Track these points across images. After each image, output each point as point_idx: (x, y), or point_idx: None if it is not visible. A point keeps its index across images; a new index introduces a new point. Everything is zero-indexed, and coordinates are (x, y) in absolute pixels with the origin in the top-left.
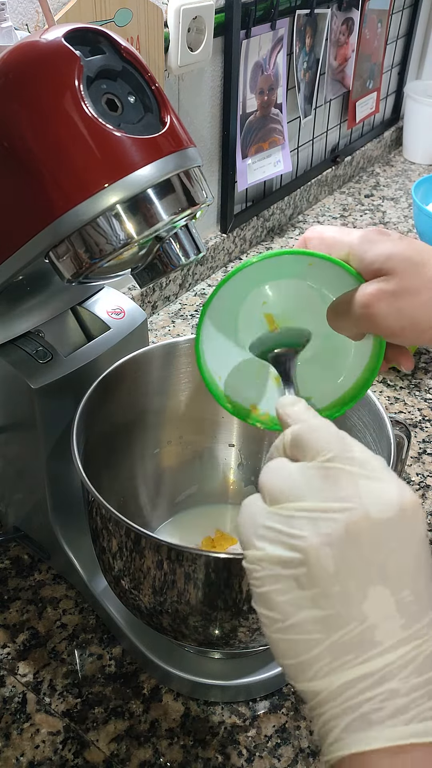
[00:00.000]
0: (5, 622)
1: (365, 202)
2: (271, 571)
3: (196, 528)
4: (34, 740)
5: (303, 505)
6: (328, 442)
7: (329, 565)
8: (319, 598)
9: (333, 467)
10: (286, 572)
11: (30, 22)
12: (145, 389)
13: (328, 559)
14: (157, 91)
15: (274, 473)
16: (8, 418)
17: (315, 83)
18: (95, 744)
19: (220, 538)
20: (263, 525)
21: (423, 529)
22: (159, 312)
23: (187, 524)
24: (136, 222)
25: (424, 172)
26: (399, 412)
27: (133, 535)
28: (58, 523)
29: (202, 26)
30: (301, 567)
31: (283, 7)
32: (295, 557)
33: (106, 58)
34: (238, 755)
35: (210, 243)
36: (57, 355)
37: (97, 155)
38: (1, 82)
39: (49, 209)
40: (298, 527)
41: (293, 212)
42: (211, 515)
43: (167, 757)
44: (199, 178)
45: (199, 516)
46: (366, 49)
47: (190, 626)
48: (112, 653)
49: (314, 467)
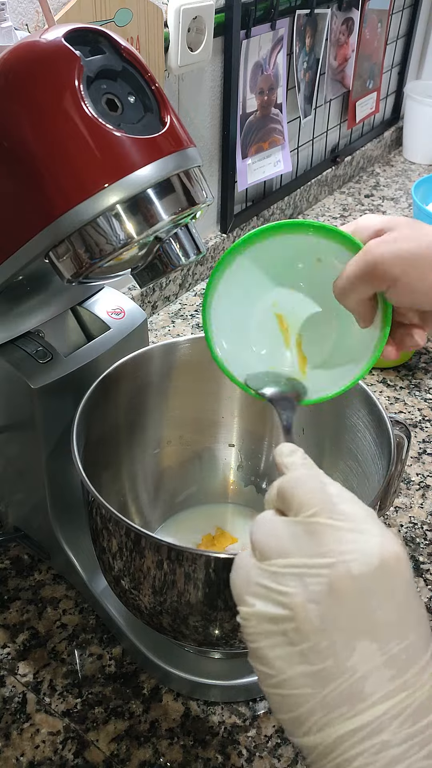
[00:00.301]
0: (5, 622)
1: (365, 202)
2: (262, 627)
3: (196, 528)
4: (34, 740)
5: (290, 562)
6: (312, 496)
7: (316, 621)
8: (308, 653)
9: (316, 522)
10: (276, 628)
11: (30, 22)
12: (145, 389)
13: (314, 616)
14: (157, 91)
15: (262, 528)
16: (8, 418)
17: (315, 83)
18: (95, 744)
19: (220, 536)
20: (254, 582)
21: (407, 578)
22: (159, 312)
23: (187, 524)
24: (136, 222)
25: (424, 172)
26: (399, 412)
27: (133, 535)
28: (58, 523)
29: (202, 26)
30: (290, 623)
31: (283, 7)
32: (283, 614)
33: (106, 58)
34: (238, 755)
35: (210, 243)
36: (57, 355)
37: (97, 155)
38: (1, 82)
39: (49, 209)
40: (286, 584)
41: (293, 212)
42: (211, 515)
43: (167, 757)
44: (199, 178)
45: (199, 516)
46: (366, 49)
47: (190, 626)
48: (112, 653)
49: (299, 522)
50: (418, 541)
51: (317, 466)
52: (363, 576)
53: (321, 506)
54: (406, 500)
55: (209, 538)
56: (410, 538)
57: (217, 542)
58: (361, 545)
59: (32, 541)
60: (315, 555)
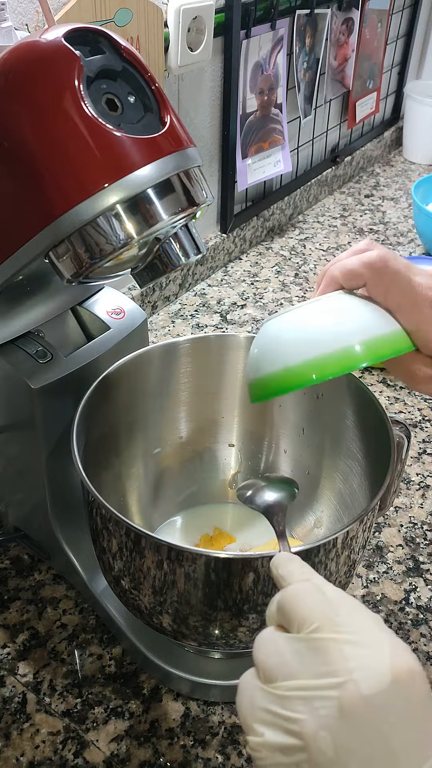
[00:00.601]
0: (5, 622)
1: (365, 202)
2: (274, 759)
3: (195, 528)
4: (34, 740)
5: (296, 684)
6: (313, 610)
7: (330, 752)
8: None
9: (320, 638)
10: (289, 760)
11: (30, 22)
12: (145, 389)
13: (327, 745)
14: (157, 91)
15: (265, 648)
16: (8, 418)
17: (315, 83)
18: (95, 744)
19: (219, 536)
20: (261, 707)
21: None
22: (159, 312)
23: (187, 524)
24: (136, 222)
25: (424, 172)
26: (399, 412)
27: (133, 535)
28: (58, 523)
29: (202, 26)
30: (302, 753)
31: (283, 7)
32: (294, 743)
33: (106, 58)
34: (238, 755)
35: (210, 243)
36: (57, 355)
37: (97, 155)
38: (1, 82)
39: (49, 209)
40: (294, 709)
41: (293, 212)
42: (211, 515)
43: (167, 757)
44: (199, 178)
45: (198, 516)
46: (366, 49)
47: (190, 626)
48: (112, 653)
49: (302, 639)
50: (418, 541)
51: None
52: (375, 695)
53: (323, 620)
54: (406, 500)
55: (207, 538)
56: (410, 538)
57: (215, 542)
58: (370, 660)
59: (32, 541)
60: (321, 674)
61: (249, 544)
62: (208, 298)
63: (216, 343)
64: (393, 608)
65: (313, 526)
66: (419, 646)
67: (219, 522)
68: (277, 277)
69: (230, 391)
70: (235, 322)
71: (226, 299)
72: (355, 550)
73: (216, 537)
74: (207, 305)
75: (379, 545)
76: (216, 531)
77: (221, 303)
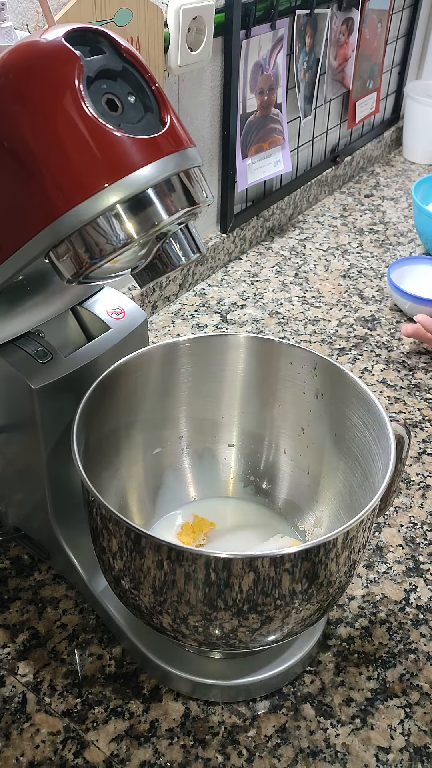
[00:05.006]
0: (5, 622)
1: (365, 202)
2: None
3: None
4: (34, 740)
5: None
6: None
7: None
8: None
9: None
10: None
11: (30, 22)
12: (145, 389)
13: None
14: (157, 91)
15: None
16: (8, 418)
17: (315, 83)
18: (95, 744)
19: (198, 523)
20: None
21: None
22: (159, 312)
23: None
24: (136, 222)
25: (424, 172)
26: (399, 412)
27: (133, 535)
28: (58, 523)
29: (202, 26)
30: None
31: (283, 7)
32: None
33: (106, 58)
34: (238, 755)
35: (210, 243)
36: (57, 355)
37: (97, 155)
38: (1, 82)
39: (49, 209)
40: None
41: (293, 212)
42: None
43: (167, 757)
44: (199, 178)
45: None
46: (366, 49)
47: (190, 626)
48: (112, 653)
49: None
50: (418, 541)
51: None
52: None
53: None
54: (406, 500)
55: (187, 526)
56: (410, 538)
57: (195, 529)
58: None
59: (32, 541)
60: None
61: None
62: (208, 298)
63: (216, 343)
64: (393, 608)
65: (313, 526)
66: (419, 646)
67: (219, 521)
68: (277, 277)
69: (230, 391)
70: (235, 322)
71: (226, 299)
72: (355, 550)
73: (196, 524)
74: (207, 305)
75: (379, 545)
76: (195, 518)
77: (221, 303)
